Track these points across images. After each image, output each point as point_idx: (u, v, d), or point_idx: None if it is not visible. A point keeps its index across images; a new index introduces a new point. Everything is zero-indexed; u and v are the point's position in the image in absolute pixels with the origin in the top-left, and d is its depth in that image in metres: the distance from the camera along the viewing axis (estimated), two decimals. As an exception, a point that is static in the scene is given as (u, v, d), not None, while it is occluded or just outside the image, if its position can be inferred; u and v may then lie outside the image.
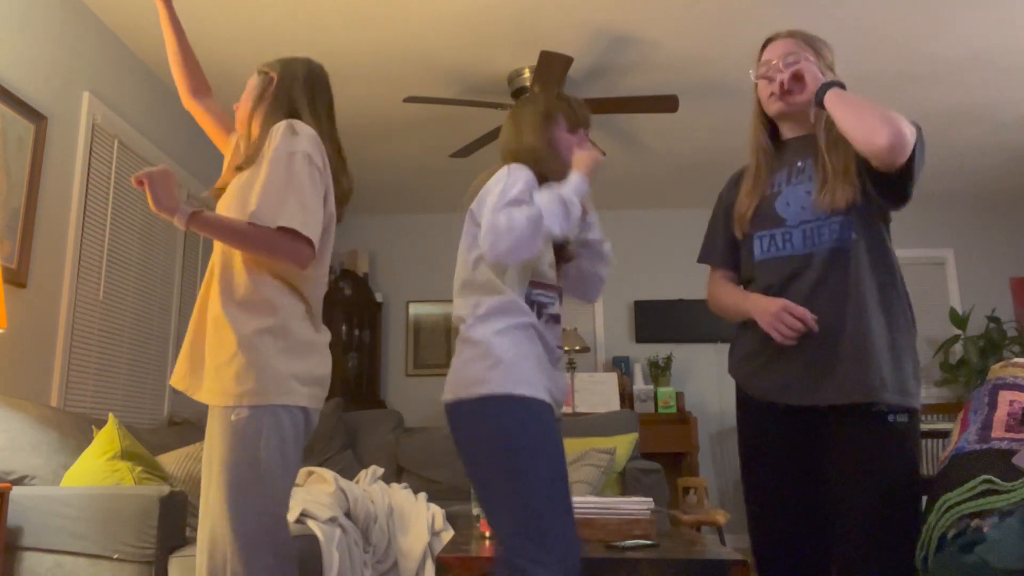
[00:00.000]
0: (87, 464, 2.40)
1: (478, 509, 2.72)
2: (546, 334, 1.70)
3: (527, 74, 3.92)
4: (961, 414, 1.86)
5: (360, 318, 5.88)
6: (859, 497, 1.62)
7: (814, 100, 1.70)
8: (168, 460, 2.69)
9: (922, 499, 1.66)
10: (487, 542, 2.40)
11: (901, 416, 1.63)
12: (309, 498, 2.75)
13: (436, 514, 3.13)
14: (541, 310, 1.71)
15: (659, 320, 5.96)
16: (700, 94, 4.22)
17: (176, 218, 1.59)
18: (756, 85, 1.86)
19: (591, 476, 3.36)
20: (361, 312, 5.90)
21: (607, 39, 3.70)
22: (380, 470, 3.47)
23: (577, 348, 5.23)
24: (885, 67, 3.92)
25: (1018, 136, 4.79)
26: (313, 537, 2.55)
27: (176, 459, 2.70)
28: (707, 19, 3.53)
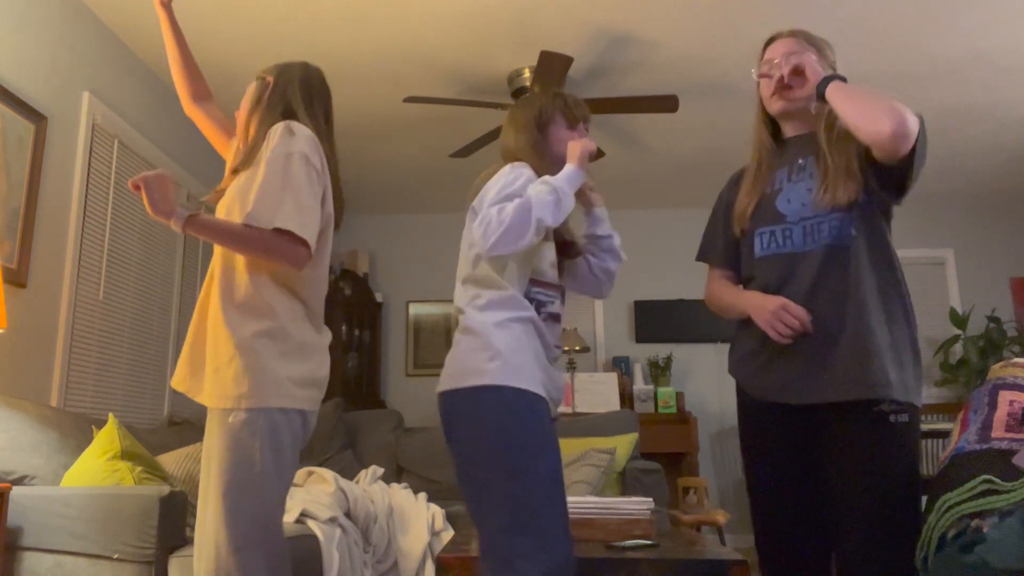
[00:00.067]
0: (87, 464, 2.40)
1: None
2: (545, 331, 1.70)
3: (527, 74, 3.92)
4: (961, 414, 1.86)
5: (360, 318, 5.88)
6: (860, 497, 1.62)
7: (815, 94, 1.68)
8: (168, 460, 2.69)
9: (922, 499, 1.66)
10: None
11: (902, 416, 1.63)
12: (309, 498, 2.75)
13: (436, 514, 3.13)
14: (540, 308, 1.70)
15: (659, 320, 5.96)
16: (700, 94, 4.22)
17: (172, 221, 1.59)
18: (758, 84, 1.85)
19: (591, 476, 3.36)
20: (361, 312, 5.90)
21: (607, 39, 3.70)
22: (380, 470, 3.48)
23: (577, 348, 5.23)
24: (885, 67, 3.92)
25: (1018, 136, 4.79)
26: (313, 537, 2.55)
27: (176, 459, 2.70)
28: (707, 19, 3.53)
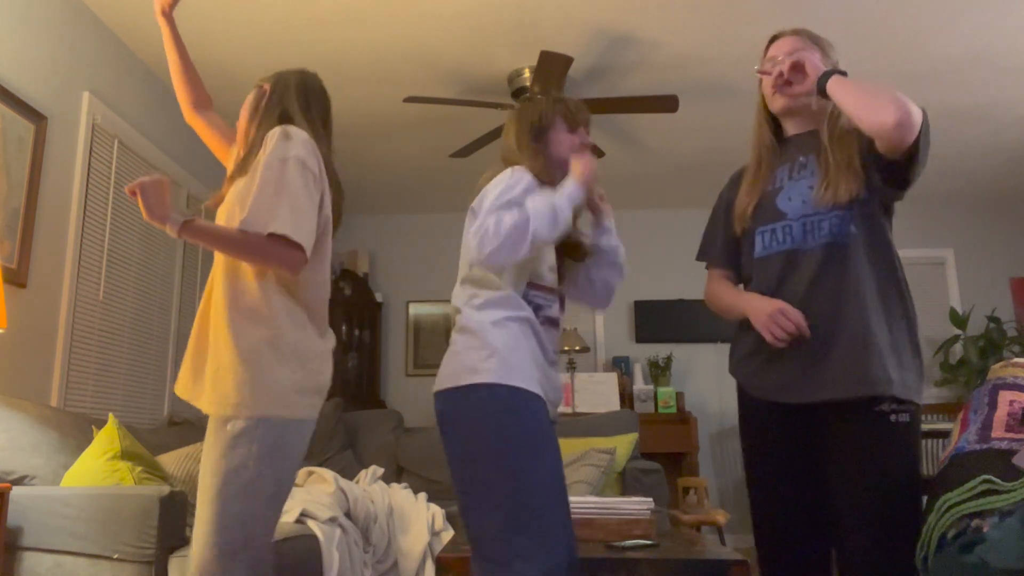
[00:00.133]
0: (87, 464, 2.40)
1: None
2: (542, 333, 1.69)
3: (527, 74, 3.91)
4: (961, 414, 1.86)
5: (360, 318, 5.88)
6: (860, 497, 1.62)
7: (816, 89, 1.67)
8: (168, 460, 2.69)
9: (922, 499, 1.66)
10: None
11: (903, 416, 1.63)
12: (309, 498, 2.75)
13: (436, 514, 3.13)
14: (537, 311, 1.69)
15: (659, 320, 5.96)
16: (700, 94, 4.22)
17: (167, 227, 1.59)
18: (760, 81, 1.85)
19: (591, 476, 3.36)
20: (361, 312, 5.90)
21: (607, 39, 3.70)
22: (380, 470, 3.47)
23: (577, 348, 5.23)
24: (885, 67, 3.92)
25: (1018, 136, 4.79)
26: (313, 537, 2.55)
27: (176, 459, 2.70)
28: (707, 19, 3.53)
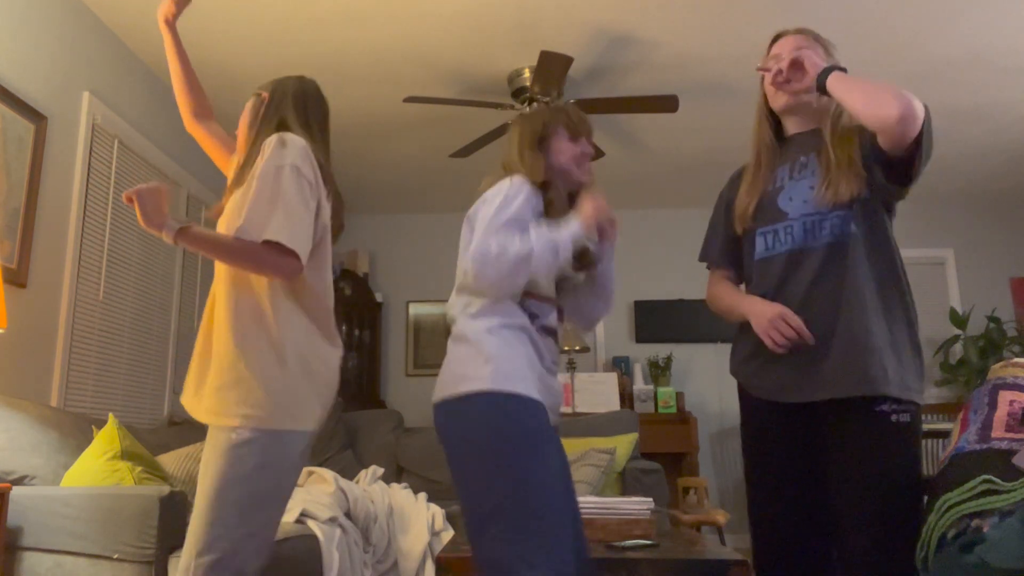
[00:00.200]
0: (87, 464, 2.40)
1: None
2: (539, 341, 1.67)
3: (527, 74, 3.91)
4: (961, 414, 1.86)
5: (360, 318, 5.88)
6: (860, 496, 1.62)
7: (815, 86, 1.67)
8: (168, 460, 2.69)
9: (923, 499, 1.66)
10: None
11: (903, 416, 1.63)
12: (309, 498, 2.75)
13: (436, 514, 3.13)
14: (533, 320, 1.67)
15: (659, 320, 5.96)
16: (700, 94, 4.22)
17: (164, 233, 1.58)
18: (762, 79, 1.84)
19: (591, 476, 3.36)
20: (361, 312, 5.90)
21: (607, 39, 3.70)
22: (380, 470, 3.47)
23: (577, 348, 5.23)
24: (885, 67, 3.92)
25: (1018, 136, 4.79)
26: (313, 537, 2.55)
27: (176, 459, 2.70)
28: (707, 19, 3.53)
